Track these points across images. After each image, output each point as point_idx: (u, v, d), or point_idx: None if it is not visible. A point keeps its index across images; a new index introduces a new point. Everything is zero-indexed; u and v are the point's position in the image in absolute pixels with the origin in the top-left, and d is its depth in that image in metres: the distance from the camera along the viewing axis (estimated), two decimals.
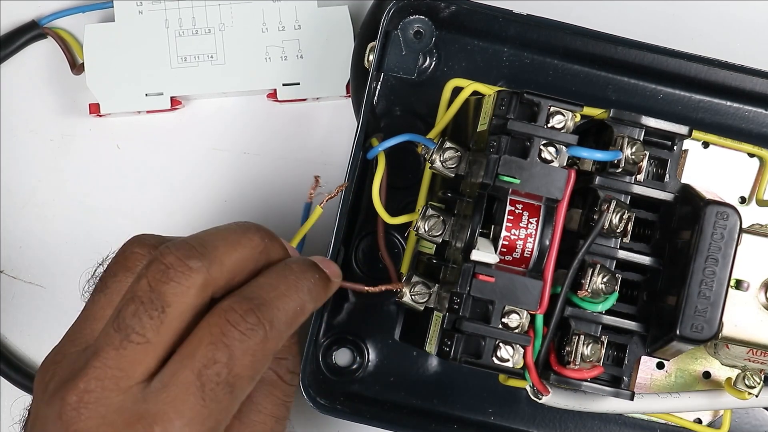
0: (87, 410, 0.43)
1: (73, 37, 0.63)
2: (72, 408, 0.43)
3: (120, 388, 0.43)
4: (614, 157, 0.48)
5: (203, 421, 0.43)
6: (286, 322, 0.46)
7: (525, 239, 0.48)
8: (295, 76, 0.61)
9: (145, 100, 0.61)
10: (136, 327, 0.44)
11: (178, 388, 0.43)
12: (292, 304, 0.46)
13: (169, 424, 0.43)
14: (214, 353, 0.43)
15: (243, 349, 0.44)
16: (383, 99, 0.57)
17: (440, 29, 0.57)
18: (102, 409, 0.43)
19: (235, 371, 0.44)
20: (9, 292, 0.63)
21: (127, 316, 0.44)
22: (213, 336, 0.44)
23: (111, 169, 0.63)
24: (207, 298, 0.45)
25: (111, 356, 0.43)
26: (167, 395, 0.43)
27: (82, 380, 0.43)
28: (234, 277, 0.46)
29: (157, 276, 0.44)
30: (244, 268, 0.47)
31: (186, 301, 0.44)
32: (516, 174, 0.46)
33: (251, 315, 0.44)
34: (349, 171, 0.54)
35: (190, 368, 0.43)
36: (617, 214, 0.48)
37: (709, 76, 0.57)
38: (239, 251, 0.47)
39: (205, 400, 0.43)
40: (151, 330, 0.44)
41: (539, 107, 0.47)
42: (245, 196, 0.63)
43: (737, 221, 0.48)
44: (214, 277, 0.45)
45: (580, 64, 0.58)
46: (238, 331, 0.44)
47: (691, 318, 0.48)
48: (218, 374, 0.43)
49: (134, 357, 0.44)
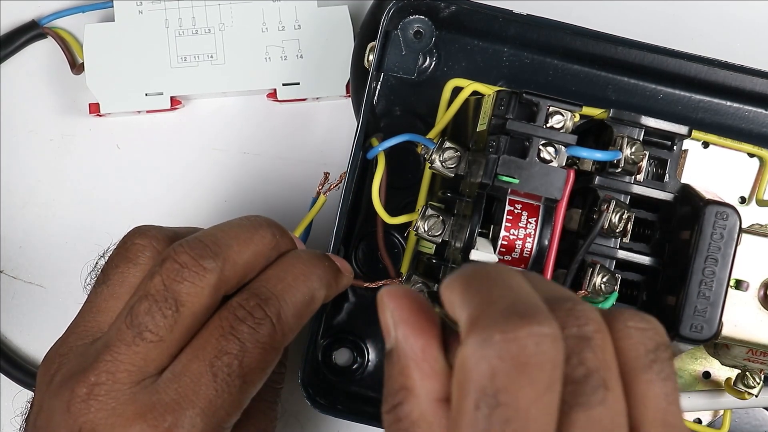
0: (97, 402, 0.43)
1: (73, 37, 0.63)
2: (81, 400, 0.44)
3: (131, 382, 0.44)
4: (613, 157, 0.48)
5: (215, 411, 0.44)
6: (294, 313, 0.47)
7: (524, 239, 0.48)
8: (295, 76, 0.61)
9: (145, 100, 0.61)
10: (150, 325, 0.44)
11: (190, 378, 0.44)
12: (299, 295, 0.47)
13: (181, 413, 0.43)
14: (225, 345, 0.44)
15: (253, 342, 0.44)
16: (383, 99, 0.57)
17: (440, 29, 0.57)
18: (112, 401, 0.43)
19: (246, 363, 0.44)
20: (9, 292, 0.63)
21: (141, 313, 0.44)
22: (223, 329, 0.45)
23: (111, 169, 0.63)
24: (220, 297, 0.46)
25: (123, 351, 0.44)
26: (179, 386, 0.44)
27: (93, 373, 0.44)
28: (246, 274, 0.47)
29: (172, 275, 0.45)
30: (256, 265, 0.47)
31: (200, 300, 0.45)
32: (515, 174, 0.46)
33: (258, 310, 0.45)
34: (349, 170, 0.54)
35: (202, 359, 0.44)
36: (617, 213, 0.48)
37: (709, 76, 0.56)
38: (252, 249, 0.47)
39: (217, 390, 0.44)
40: (165, 328, 0.44)
41: (538, 107, 0.47)
42: (245, 195, 0.63)
43: (737, 221, 0.48)
44: (227, 276, 0.46)
45: (580, 64, 0.58)
46: (247, 325, 0.45)
47: (691, 318, 0.48)
48: (229, 365, 0.44)
49: (146, 353, 0.44)
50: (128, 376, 0.44)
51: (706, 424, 0.57)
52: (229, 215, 0.61)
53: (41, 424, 0.45)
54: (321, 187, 0.55)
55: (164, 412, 0.43)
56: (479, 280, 0.34)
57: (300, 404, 0.58)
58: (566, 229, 0.50)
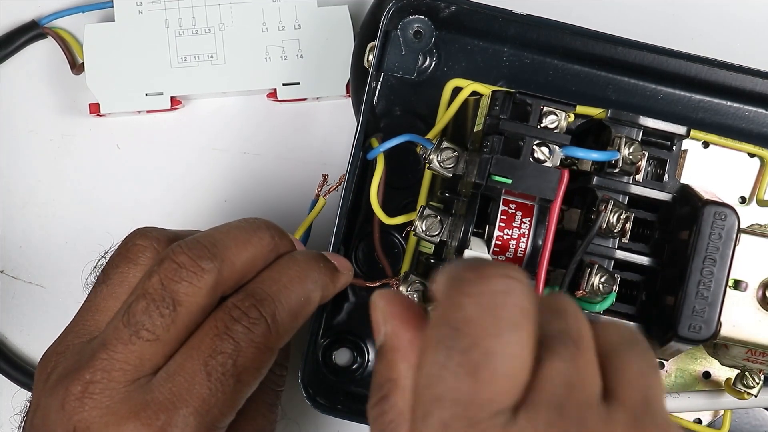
0: (91, 401, 0.44)
1: (73, 37, 0.63)
2: (75, 398, 0.44)
3: (126, 381, 0.44)
4: (611, 157, 0.48)
5: (209, 410, 0.44)
6: (289, 314, 0.47)
7: (518, 239, 0.48)
8: (295, 76, 0.61)
9: (145, 100, 0.61)
10: (147, 324, 0.44)
11: (184, 377, 0.44)
12: (294, 296, 0.47)
13: (175, 412, 0.43)
14: (219, 345, 0.44)
15: (247, 342, 0.45)
16: (383, 99, 0.57)
17: (440, 29, 0.57)
18: (106, 400, 0.44)
19: (240, 362, 0.44)
20: (9, 292, 0.63)
21: (138, 312, 0.45)
22: (218, 329, 0.45)
23: (111, 169, 0.63)
24: (217, 298, 0.46)
25: (119, 350, 0.44)
26: (173, 385, 0.44)
27: (88, 371, 0.44)
28: (244, 275, 0.47)
29: (170, 275, 0.45)
30: (254, 267, 0.48)
31: (197, 301, 0.45)
32: (508, 174, 0.46)
33: (253, 310, 0.45)
34: (349, 170, 0.54)
35: (197, 358, 0.44)
36: (615, 214, 0.48)
37: (709, 76, 0.56)
38: (250, 251, 0.47)
39: (211, 389, 0.44)
40: (162, 327, 0.44)
41: (531, 107, 0.47)
42: (245, 196, 0.63)
43: (735, 221, 0.48)
44: (225, 278, 0.46)
45: (580, 64, 0.57)
46: (242, 324, 0.45)
47: (689, 318, 0.48)
48: (223, 365, 0.44)
49: (142, 352, 0.44)
50: (123, 374, 0.44)
51: (706, 424, 0.57)
52: (229, 215, 0.62)
53: (37, 422, 0.45)
54: (320, 189, 0.55)
55: (158, 410, 0.43)
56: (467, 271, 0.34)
57: (300, 404, 0.58)
58: (565, 229, 0.50)
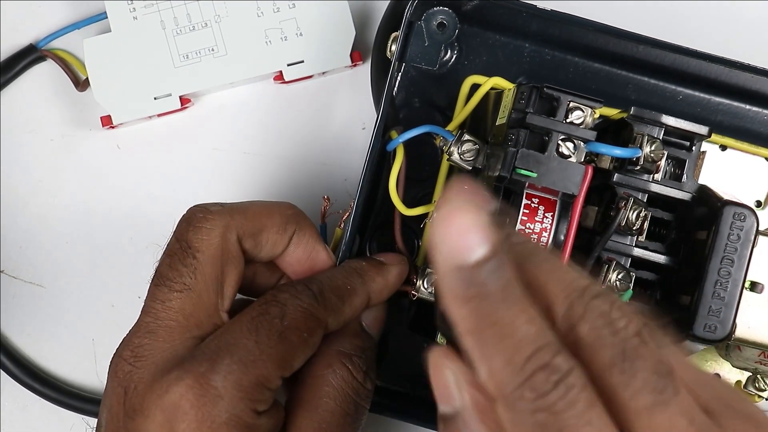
0: (140, 362, 0.45)
1: (73, 56, 0.63)
2: (127, 362, 0.45)
3: (173, 339, 0.45)
4: (633, 154, 0.48)
5: (253, 362, 0.44)
6: (334, 293, 0.48)
7: (540, 233, 0.48)
8: (297, 55, 0.61)
9: (154, 104, 0.60)
10: (174, 277, 0.46)
11: (230, 334, 0.45)
12: (337, 282, 0.49)
13: (219, 361, 0.44)
14: (266, 308, 0.46)
15: (293, 305, 0.46)
16: (403, 90, 0.57)
17: (462, 23, 0.56)
18: (154, 359, 0.45)
19: (287, 322, 0.45)
20: (9, 292, 0.63)
21: (164, 270, 0.46)
22: (266, 299, 0.46)
23: (111, 169, 0.63)
24: (234, 242, 0.48)
25: (158, 309, 0.46)
26: (219, 341, 0.45)
27: (136, 336, 0.46)
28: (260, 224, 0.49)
29: (182, 228, 0.47)
30: (270, 218, 0.49)
31: (213, 242, 0.47)
32: (533, 168, 0.46)
33: (299, 284, 0.47)
34: (367, 162, 0.54)
35: (244, 320, 0.45)
36: (634, 211, 0.48)
37: (730, 78, 0.56)
38: (266, 206, 0.50)
39: (257, 342, 0.44)
40: (188, 276, 0.46)
41: (559, 102, 0.47)
42: (248, 196, 0.63)
43: (754, 223, 0.48)
44: (236, 221, 0.48)
45: (600, 62, 0.57)
46: (289, 293, 0.47)
47: (705, 318, 0.48)
48: (270, 321, 0.45)
49: (182, 307, 0.46)
50: (169, 333, 0.45)
51: None
52: None
53: (102, 407, 0.46)
54: (325, 212, 0.56)
55: (202, 360, 0.44)
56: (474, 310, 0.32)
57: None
58: (581, 226, 0.50)
